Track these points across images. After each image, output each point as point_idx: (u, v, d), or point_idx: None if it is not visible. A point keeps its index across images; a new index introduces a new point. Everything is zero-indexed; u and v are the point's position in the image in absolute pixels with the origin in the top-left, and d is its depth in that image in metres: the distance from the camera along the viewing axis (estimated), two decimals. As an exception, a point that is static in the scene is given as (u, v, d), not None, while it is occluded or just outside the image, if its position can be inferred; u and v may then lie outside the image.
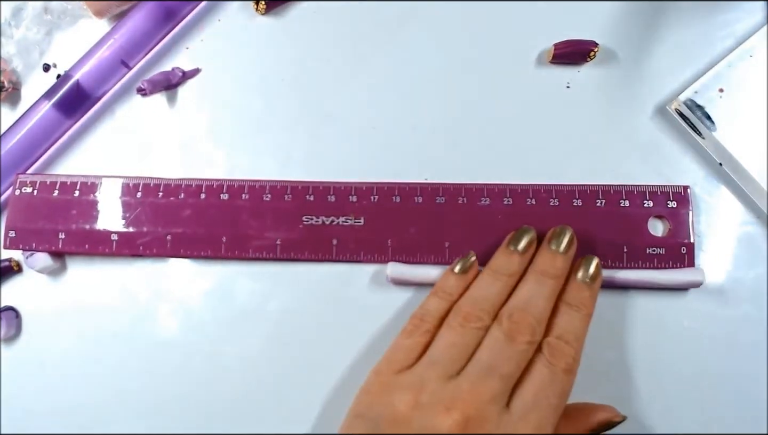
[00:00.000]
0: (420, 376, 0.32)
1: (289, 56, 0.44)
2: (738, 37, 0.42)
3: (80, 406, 0.41)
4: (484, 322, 0.34)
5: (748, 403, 0.39)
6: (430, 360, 0.33)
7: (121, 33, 0.42)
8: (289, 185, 0.41)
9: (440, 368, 0.32)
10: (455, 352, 0.33)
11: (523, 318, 0.33)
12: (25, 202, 0.41)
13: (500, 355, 0.32)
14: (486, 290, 0.36)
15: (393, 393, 0.32)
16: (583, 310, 0.35)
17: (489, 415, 0.30)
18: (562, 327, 0.34)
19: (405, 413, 0.31)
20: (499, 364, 0.32)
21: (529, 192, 0.40)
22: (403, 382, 0.32)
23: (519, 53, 0.43)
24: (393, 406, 0.31)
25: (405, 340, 0.35)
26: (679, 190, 0.39)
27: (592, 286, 0.36)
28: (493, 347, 0.33)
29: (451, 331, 0.34)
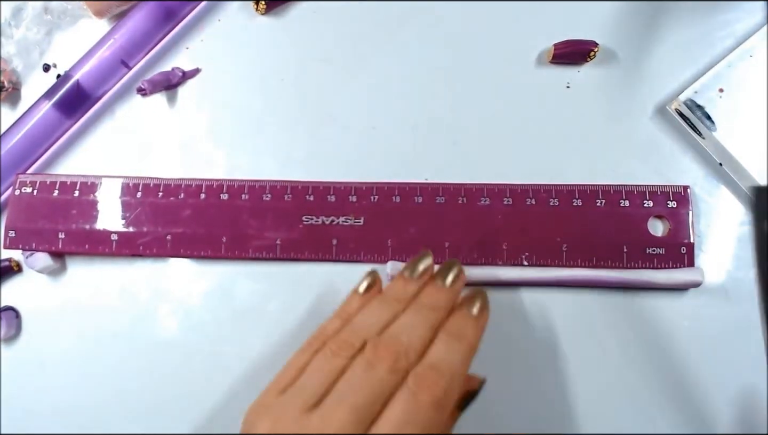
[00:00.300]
0: (283, 404, 0.30)
1: (289, 56, 0.44)
2: (738, 37, 0.42)
3: (80, 406, 0.41)
4: (355, 349, 0.32)
5: (748, 403, 0.39)
6: (298, 387, 0.31)
7: (121, 33, 0.42)
8: (289, 185, 0.41)
9: (302, 397, 0.30)
10: (319, 380, 0.31)
11: (388, 345, 0.31)
12: (25, 202, 0.41)
13: (355, 384, 0.30)
14: (370, 317, 0.34)
15: (261, 416, 0.31)
16: (464, 341, 0.32)
17: None
18: (436, 356, 0.31)
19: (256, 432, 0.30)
20: (352, 393, 0.29)
21: (529, 192, 0.40)
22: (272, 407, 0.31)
23: (519, 53, 0.43)
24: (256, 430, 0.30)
25: (293, 359, 0.33)
26: (679, 190, 0.40)
27: (478, 318, 0.34)
28: (351, 376, 0.30)
29: (322, 358, 0.32)
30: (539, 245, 0.39)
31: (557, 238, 0.39)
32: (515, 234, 0.40)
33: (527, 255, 0.39)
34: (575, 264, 0.39)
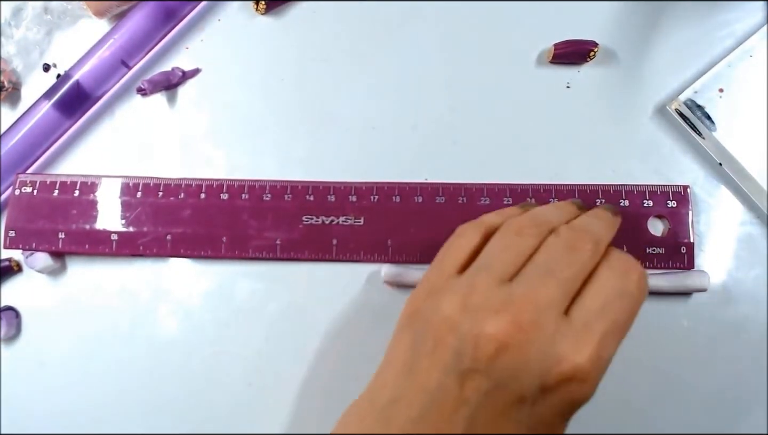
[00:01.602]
0: (470, 279, 0.29)
1: (289, 56, 0.44)
2: (738, 37, 0.42)
3: (80, 406, 0.41)
4: (541, 232, 0.31)
5: (748, 403, 0.39)
6: (482, 264, 0.30)
7: (121, 33, 0.42)
8: (289, 185, 0.41)
9: (492, 272, 0.29)
10: (509, 256, 0.30)
11: (584, 230, 0.30)
12: (25, 202, 0.41)
13: (560, 259, 0.29)
14: (546, 212, 0.33)
15: (440, 297, 0.29)
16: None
17: (544, 321, 0.27)
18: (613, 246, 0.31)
19: (452, 317, 0.28)
20: (559, 268, 0.29)
21: (529, 192, 0.40)
22: (452, 286, 0.30)
23: (519, 53, 0.43)
24: (440, 310, 0.29)
25: (455, 240, 0.32)
26: (678, 190, 0.40)
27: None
28: (552, 252, 0.29)
29: (504, 237, 0.31)
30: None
31: (557, 237, 0.39)
32: (515, 234, 0.40)
33: (527, 255, 0.39)
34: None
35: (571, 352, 0.26)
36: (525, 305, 0.27)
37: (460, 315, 0.28)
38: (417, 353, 0.29)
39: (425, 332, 0.29)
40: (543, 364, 0.26)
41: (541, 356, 0.26)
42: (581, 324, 0.27)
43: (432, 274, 0.32)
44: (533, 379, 0.26)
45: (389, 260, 0.40)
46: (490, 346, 0.27)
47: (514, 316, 0.27)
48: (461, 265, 0.31)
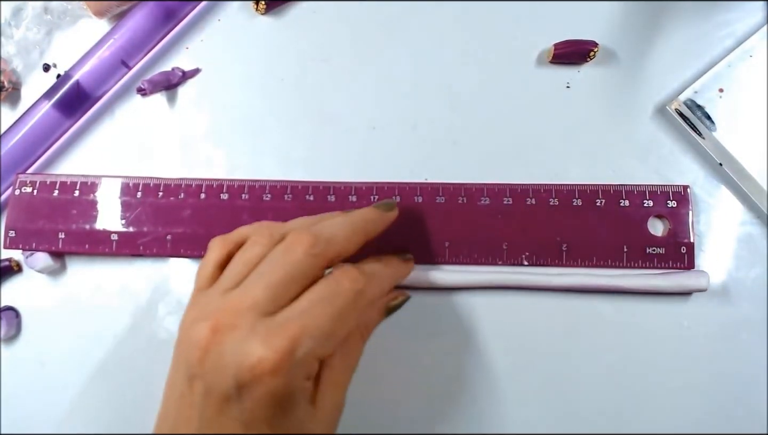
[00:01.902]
0: (207, 294, 0.32)
1: (289, 56, 0.44)
2: (738, 37, 0.42)
3: (80, 406, 0.41)
4: (273, 240, 0.32)
5: (748, 403, 0.39)
6: (221, 278, 0.32)
7: (121, 33, 0.42)
8: (289, 185, 0.41)
9: (221, 283, 0.31)
10: (237, 266, 0.32)
11: (309, 233, 0.32)
12: (25, 202, 0.41)
13: (271, 264, 0.31)
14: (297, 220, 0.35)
15: (187, 310, 0.32)
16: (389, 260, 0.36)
17: (241, 322, 0.29)
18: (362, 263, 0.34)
19: (183, 328, 0.31)
20: (269, 272, 0.30)
21: (529, 191, 0.40)
22: (194, 300, 0.32)
23: (519, 53, 0.43)
24: (184, 322, 0.31)
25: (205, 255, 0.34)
26: (678, 190, 0.40)
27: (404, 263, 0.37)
28: (269, 259, 0.31)
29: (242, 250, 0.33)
30: (539, 245, 0.39)
31: (557, 237, 0.39)
32: (515, 234, 0.40)
33: (527, 254, 0.39)
34: (575, 264, 0.39)
35: (257, 347, 0.28)
36: (226, 310, 0.29)
37: (187, 326, 0.30)
38: (173, 364, 0.32)
39: (177, 345, 0.32)
40: (237, 362, 0.28)
41: (235, 355, 0.28)
42: (278, 323, 0.29)
43: (193, 289, 0.34)
44: (230, 377, 0.28)
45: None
46: (197, 351, 0.29)
47: (215, 321, 0.29)
48: (209, 278, 0.33)
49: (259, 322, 0.29)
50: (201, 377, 0.29)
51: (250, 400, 0.28)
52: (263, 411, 0.28)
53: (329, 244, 0.32)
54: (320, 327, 0.29)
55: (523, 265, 0.39)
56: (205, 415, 0.29)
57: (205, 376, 0.29)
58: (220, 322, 0.29)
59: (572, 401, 0.39)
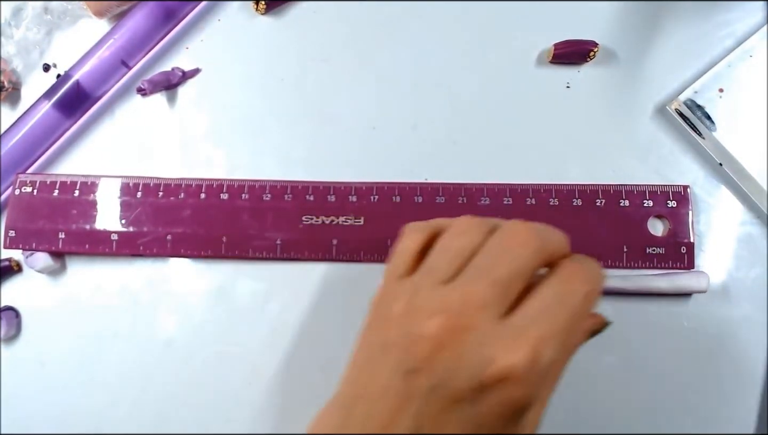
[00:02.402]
0: (415, 281, 0.30)
1: (289, 56, 0.44)
2: (738, 37, 0.42)
3: (80, 406, 0.41)
4: (482, 231, 0.31)
5: (749, 403, 0.39)
6: (426, 265, 0.31)
7: (121, 33, 0.42)
8: (289, 185, 0.41)
9: (434, 273, 0.30)
10: (449, 256, 0.30)
11: (530, 230, 0.30)
12: (25, 202, 0.41)
13: (496, 258, 0.29)
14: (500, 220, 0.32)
15: (391, 299, 0.30)
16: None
17: (476, 322, 0.27)
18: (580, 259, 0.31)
19: (398, 319, 0.29)
20: (494, 267, 0.28)
21: (529, 191, 0.40)
22: (400, 289, 0.31)
23: (519, 53, 0.43)
24: (390, 313, 0.30)
25: (401, 242, 0.33)
26: (678, 190, 0.40)
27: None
28: (490, 250, 0.29)
29: (448, 237, 0.31)
30: (539, 245, 0.39)
31: (557, 237, 0.39)
32: (515, 234, 0.40)
33: (527, 254, 0.39)
34: (575, 264, 0.39)
35: (505, 353, 0.26)
36: (458, 306, 0.28)
37: (404, 317, 0.29)
38: (374, 353, 0.30)
39: (380, 334, 0.30)
40: (477, 364, 0.27)
41: (475, 356, 0.27)
42: (517, 327, 0.27)
43: (385, 278, 0.33)
44: (468, 378, 0.27)
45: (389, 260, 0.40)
46: (426, 346, 0.28)
47: (447, 317, 0.28)
48: (409, 266, 0.32)
49: (498, 324, 0.27)
50: (427, 373, 0.28)
51: (486, 405, 0.27)
52: (495, 418, 0.27)
53: (549, 242, 0.30)
54: (559, 332, 0.27)
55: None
56: (424, 410, 0.28)
57: (433, 372, 0.27)
58: (455, 320, 0.27)
59: (572, 401, 0.39)
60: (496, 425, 0.27)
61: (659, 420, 0.39)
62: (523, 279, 0.29)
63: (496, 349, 0.27)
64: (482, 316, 0.27)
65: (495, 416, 0.27)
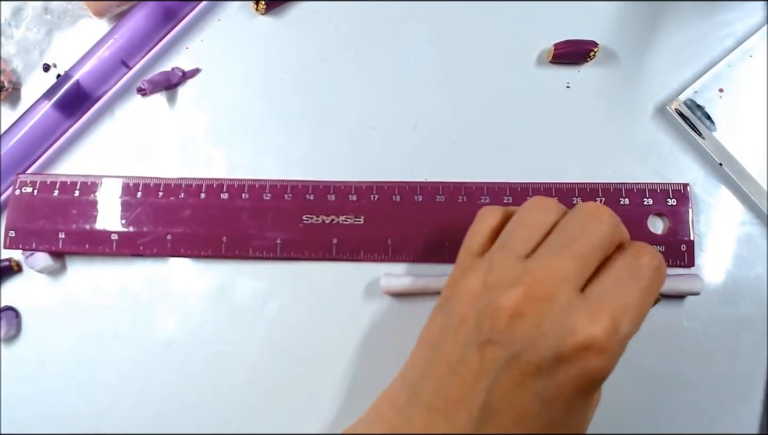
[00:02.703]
0: (490, 258, 0.31)
1: (289, 56, 0.44)
2: (738, 37, 0.42)
3: (80, 406, 0.41)
4: (560, 208, 0.32)
5: (749, 403, 0.39)
6: (501, 242, 0.31)
7: (121, 33, 0.42)
8: (289, 184, 0.41)
9: (510, 249, 0.30)
10: (526, 232, 0.31)
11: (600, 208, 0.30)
12: (25, 202, 0.41)
13: (575, 233, 0.29)
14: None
15: (465, 277, 0.31)
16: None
17: (557, 293, 0.27)
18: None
19: (473, 293, 0.30)
20: (573, 242, 0.29)
21: (529, 190, 0.40)
22: (475, 266, 0.31)
23: (519, 53, 0.43)
24: (465, 289, 0.30)
25: (476, 224, 0.33)
26: (678, 188, 0.40)
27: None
28: (567, 227, 0.30)
29: (522, 214, 0.32)
30: (539, 244, 0.39)
31: (557, 236, 0.39)
32: (515, 233, 0.40)
33: (527, 253, 0.39)
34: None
35: (586, 323, 0.26)
36: (538, 278, 0.28)
37: (480, 291, 0.29)
38: (445, 331, 0.30)
39: (452, 312, 0.30)
40: (558, 334, 0.27)
41: (555, 326, 0.27)
42: (595, 299, 0.28)
43: (460, 258, 0.33)
44: (548, 348, 0.27)
45: (389, 259, 0.40)
46: (505, 317, 0.28)
47: (528, 288, 0.28)
48: (483, 245, 0.32)
49: (578, 296, 0.28)
50: (504, 344, 0.28)
51: (565, 376, 0.27)
52: (571, 390, 0.27)
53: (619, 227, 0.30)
54: (634, 305, 0.28)
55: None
56: (498, 384, 0.28)
57: (510, 343, 0.27)
58: (535, 290, 0.28)
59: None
60: (571, 399, 0.27)
61: (659, 420, 0.39)
62: (602, 253, 0.29)
63: (576, 319, 0.27)
64: (563, 288, 0.28)
65: (572, 388, 0.27)
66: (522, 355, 0.27)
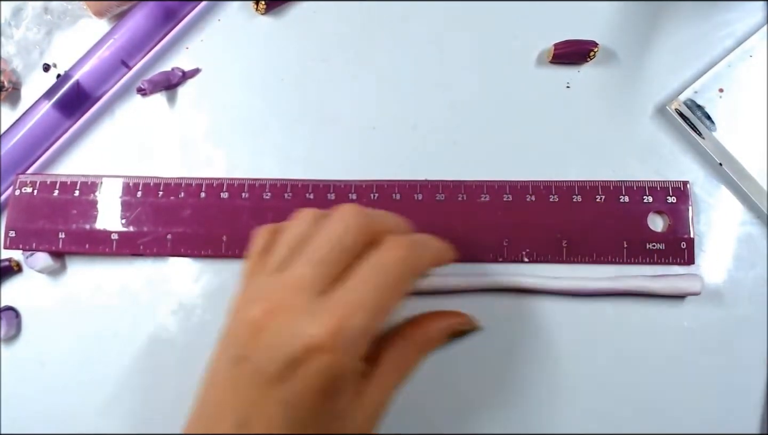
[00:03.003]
0: (253, 277, 0.32)
1: (289, 56, 0.44)
2: (738, 37, 0.42)
3: (80, 406, 0.41)
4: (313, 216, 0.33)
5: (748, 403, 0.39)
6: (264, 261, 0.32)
7: (121, 33, 0.42)
8: (289, 184, 0.41)
9: (270, 266, 0.31)
10: (280, 248, 0.32)
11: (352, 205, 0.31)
12: (25, 202, 0.41)
13: (317, 239, 0.30)
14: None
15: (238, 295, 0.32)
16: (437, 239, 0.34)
17: (295, 302, 0.28)
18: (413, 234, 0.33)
19: (234, 311, 0.31)
20: (313, 249, 0.30)
21: (529, 188, 0.40)
22: (243, 285, 0.32)
23: (519, 53, 0.43)
24: (233, 307, 0.31)
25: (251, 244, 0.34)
26: (678, 186, 0.40)
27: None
28: (313, 234, 0.31)
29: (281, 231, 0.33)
30: (539, 241, 0.39)
31: (557, 234, 0.39)
32: (515, 230, 0.40)
33: (527, 251, 0.39)
34: (576, 260, 0.39)
35: (310, 325, 0.27)
36: (278, 289, 0.29)
37: (239, 308, 0.31)
38: (216, 348, 0.32)
39: (222, 330, 0.32)
40: (290, 341, 0.27)
41: (288, 334, 0.28)
42: (330, 301, 0.28)
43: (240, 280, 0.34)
44: (283, 356, 0.27)
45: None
46: (248, 332, 0.29)
47: (268, 301, 0.29)
48: (255, 264, 0.33)
49: (312, 301, 0.28)
50: (250, 358, 0.28)
51: (301, 380, 0.27)
52: (311, 393, 0.28)
53: (375, 219, 0.31)
54: (369, 300, 0.28)
55: (523, 261, 0.39)
56: (249, 397, 0.28)
57: (254, 356, 0.28)
58: (274, 303, 0.29)
59: (571, 402, 0.39)
60: (317, 401, 0.28)
61: (660, 420, 0.39)
62: (345, 254, 0.30)
63: (304, 323, 0.28)
64: (300, 297, 0.29)
65: (313, 391, 0.28)
66: (264, 366, 0.28)
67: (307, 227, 0.32)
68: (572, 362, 0.39)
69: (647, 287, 0.38)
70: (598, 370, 0.39)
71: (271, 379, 0.28)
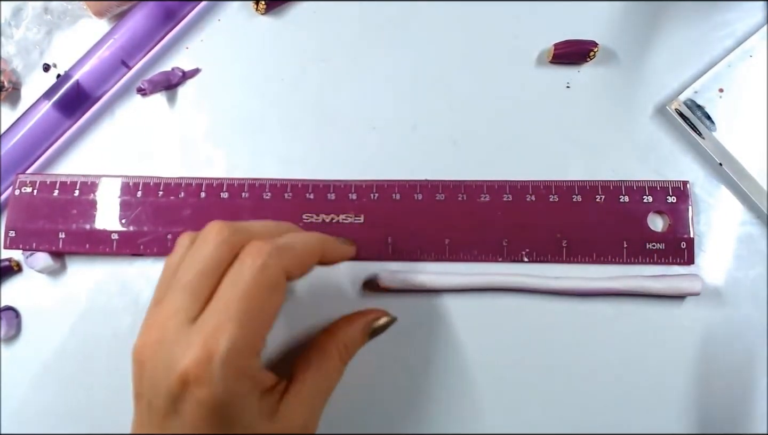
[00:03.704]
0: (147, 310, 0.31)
1: (289, 56, 0.44)
2: (738, 37, 0.42)
3: (80, 406, 0.41)
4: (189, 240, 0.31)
5: (749, 403, 0.38)
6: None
7: (121, 33, 0.42)
8: (289, 183, 0.41)
9: (155, 298, 0.31)
10: (163, 277, 0.31)
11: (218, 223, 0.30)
12: (25, 202, 0.41)
13: (185, 264, 0.29)
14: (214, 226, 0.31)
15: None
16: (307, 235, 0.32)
17: (166, 332, 0.28)
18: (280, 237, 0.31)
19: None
20: (182, 274, 0.29)
21: (529, 188, 0.40)
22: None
23: (519, 53, 0.43)
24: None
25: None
26: (678, 186, 0.40)
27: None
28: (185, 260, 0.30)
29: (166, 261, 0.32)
30: (539, 241, 0.39)
31: (557, 233, 0.39)
32: (515, 230, 0.40)
33: (527, 251, 0.39)
34: (575, 260, 0.39)
35: (182, 356, 0.27)
36: (150, 321, 0.29)
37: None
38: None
39: None
40: (167, 374, 0.27)
41: (165, 368, 0.27)
42: (199, 326, 0.28)
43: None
44: (164, 390, 0.27)
45: (389, 258, 0.40)
46: (134, 366, 0.29)
47: (146, 334, 0.29)
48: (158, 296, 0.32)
49: (183, 330, 0.28)
50: (143, 394, 0.28)
51: (188, 413, 0.27)
52: (201, 423, 0.27)
53: (239, 231, 0.30)
54: (233, 319, 0.27)
55: (523, 261, 0.39)
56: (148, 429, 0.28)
57: (144, 392, 0.28)
58: (152, 336, 0.28)
59: (571, 402, 0.39)
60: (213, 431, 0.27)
61: (660, 420, 0.39)
62: (211, 275, 0.29)
63: (175, 353, 0.27)
64: (172, 325, 0.28)
65: (200, 421, 0.27)
66: (152, 401, 0.28)
67: (183, 252, 0.31)
68: (572, 362, 0.39)
69: (647, 287, 0.38)
70: (598, 369, 0.39)
71: (164, 414, 0.27)
